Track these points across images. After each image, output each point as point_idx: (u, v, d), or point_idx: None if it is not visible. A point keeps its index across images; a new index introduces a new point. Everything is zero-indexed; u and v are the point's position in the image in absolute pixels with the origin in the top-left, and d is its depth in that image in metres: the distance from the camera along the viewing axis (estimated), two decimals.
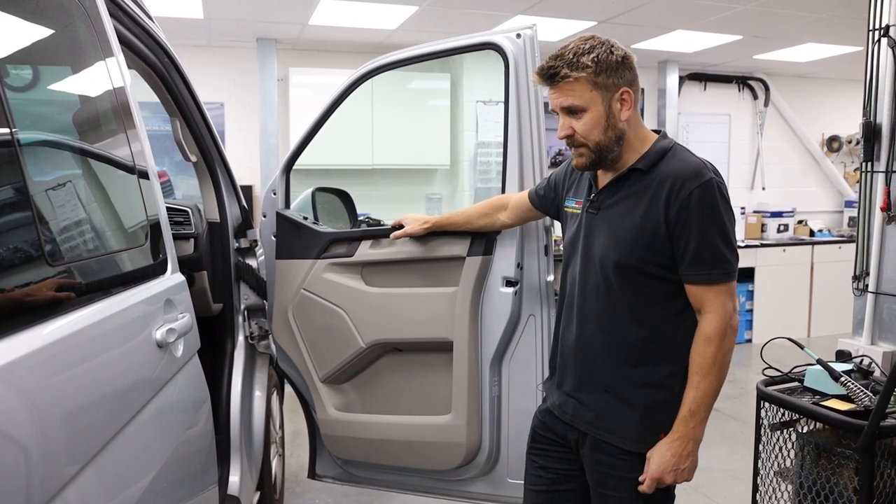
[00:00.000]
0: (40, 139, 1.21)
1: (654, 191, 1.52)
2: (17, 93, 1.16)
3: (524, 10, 4.49)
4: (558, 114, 1.57)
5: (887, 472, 1.82)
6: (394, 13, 4.53)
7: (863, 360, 2.09)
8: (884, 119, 2.54)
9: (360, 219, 2.90)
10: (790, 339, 2.08)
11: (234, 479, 2.22)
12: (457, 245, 2.21)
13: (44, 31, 1.28)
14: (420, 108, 5.63)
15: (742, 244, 6.07)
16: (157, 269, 1.58)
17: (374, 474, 2.47)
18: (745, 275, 6.13)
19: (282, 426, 3.03)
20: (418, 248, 2.25)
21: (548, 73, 1.53)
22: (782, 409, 2.02)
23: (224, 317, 2.46)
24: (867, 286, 2.62)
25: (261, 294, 2.51)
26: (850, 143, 6.99)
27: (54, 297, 1.09)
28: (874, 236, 2.60)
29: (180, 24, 4.68)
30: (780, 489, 2.07)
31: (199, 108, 2.29)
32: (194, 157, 2.37)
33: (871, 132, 2.58)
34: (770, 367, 2.12)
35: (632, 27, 4.98)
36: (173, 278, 1.64)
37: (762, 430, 2.08)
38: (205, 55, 5.33)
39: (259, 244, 2.54)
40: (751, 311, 6.22)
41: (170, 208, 2.06)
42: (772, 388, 2.06)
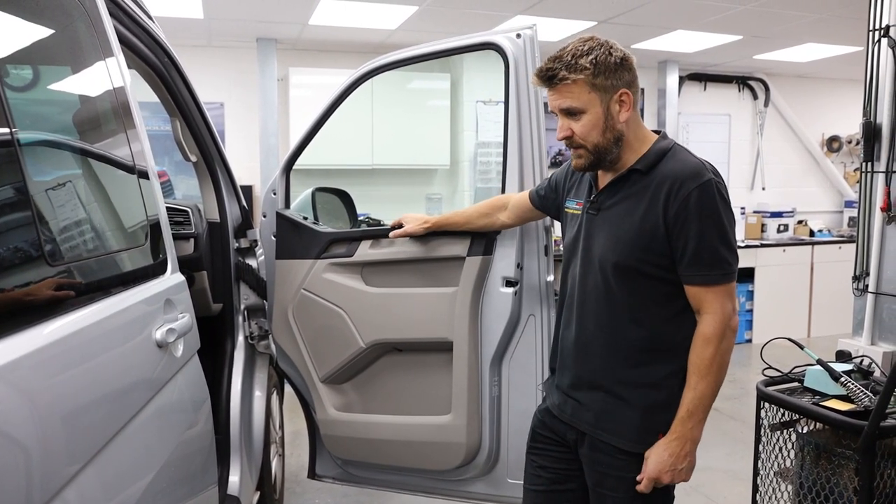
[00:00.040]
0: (40, 139, 1.21)
1: (654, 191, 1.52)
2: (18, 93, 1.16)
3: (524, 10, 4.49)
4: (557, 115, 1.57)
5: (887, 473, 1.82)
6: (394, 13, 4.53)
7: (863, 361, 2.09)
8: (884, 119, 2.54)
9: (360, 219, 2.90)
10: (790, 339, 2.08)
11: (233, 479, 2.22)
12: (457, 245, 2.21)
13: (44, 31, 1.28)
14: (420, 108, 5.63)
15: (742, 244, 6.07)
16: (157, 269, 1.58)
17: (374, 474, 2.47)
18: (745, 275, 6.13)
19: (282, 426, 3.04)
20: (418, 248, 2.25)
21: (546, 75, 1.53)
22: (782, 410, 2.02)
23: (224, 317, 2.46)
24: (867, 286, 2.62)
25: (261, 294, 2.51)
26: (850, 143, 6.99)
27: (54, 296, 1.09)
28: (874, 236, 2.60)
29: (180, 24, 4.69)
30: (780, 489, 2.07)
31: (199, 108, 2.29)
32: (194, 157, 2.37)
33: (871, 132, 2.58)
34: (770, 367, 2.12)
35: (632, 27, 4.98)
36: (173, 278, 1.65)
37: (762, 430, 2.08)
38: (205, 55, 5.33)
39: (259, 244, 2.54)
40: (751, 311, 6.22)
41: (170, 208, 2.06)
42: (772, 389, 2.06)
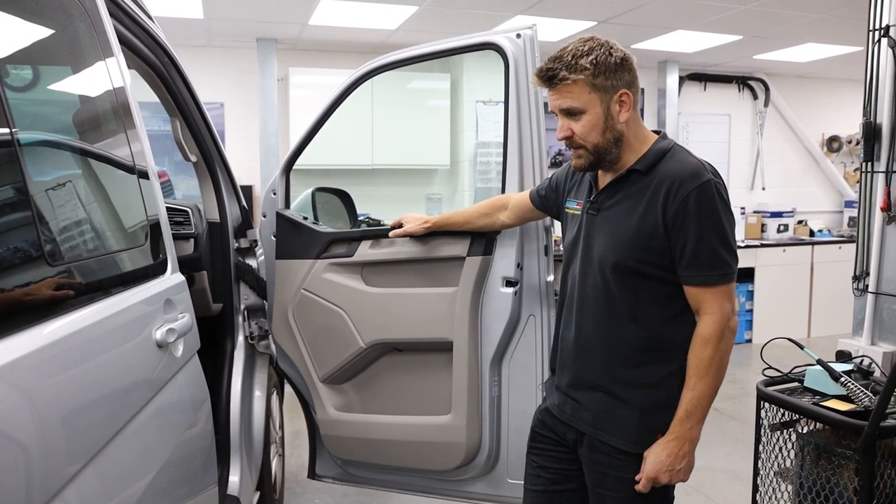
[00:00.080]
0: (40, 139, 1.21)
1: (653, 192, 1.52)
2: (18, 93, 1.16)
3: (524, 10, 4.49)
4: (557, 115, 1.57)
5: (887, 473, 1.82)
6: (394, 13, 4.53)
7: (863, 361, 2.09)
8: (884, 119, 2.54)
9: (360, 219, 2.90)
10: (790, 339, 2.08)
11: (233, 479, 2.22)
12: (457, 245, 2.21)
13: (44, 31, 1.28)
14: (420, 108, 5.63)
15: (742, 244, 6.07)
16: (157, 269, 1.58)
17: (374, 474, 2.47)
18: (745, 275, 6.13)
19: (282, 426, 3.03)
20: (418, 248, 2.25)
21: (547, 75, 1.53)
22: (782, 410, 2.02)
23: (224, 317, 2.46)
24: (867, 286, 2.62)
25: (261, 294, 2.51)
26: (850, 143, 6.99)
27: (54, 296, 1.09)
28: (874, 236, 2.59)
29: (180, 24, 4.69)
30: (780, 489, 2.07)
31: (199, 108, 2.29)
32: (194, 157, 2.37)
33: (871, 132, 2.58)
34: (770, 367, 2.12)
35: (632, 27, 4.97)
36: (173, 278, 1.65)
37: (762, 430, 2.08)
38: (205, 55, 5.33)
39: (259, 244, 2.54)
40: (751, 311, 6.22)
41: (170, 208, 2.06)
42: (772, 389, 2.06)
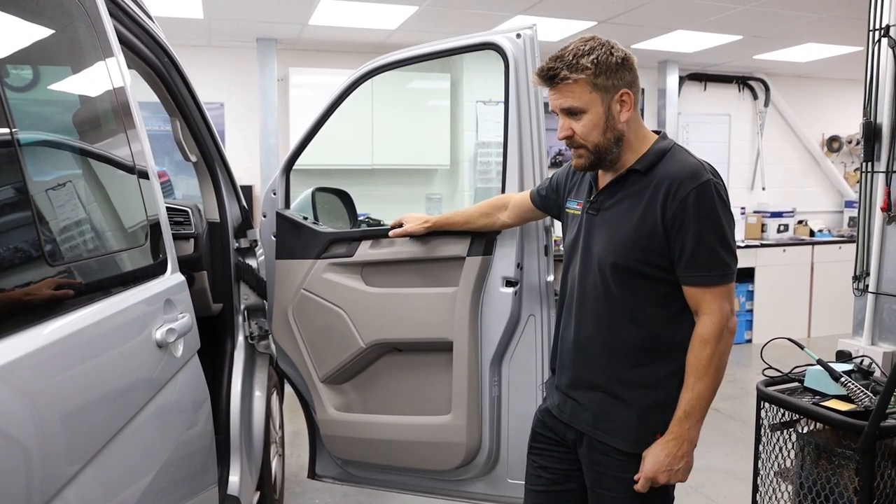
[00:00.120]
0: (40, 139, 1.21)
1: (652, 192, 1.52)
2: (18, 93, 1.16)
3: (524, 10, 4.49)
4: (558, 114, 1.57)
5: (887, 473, 1.82)
6: (394, 13, 4.53)
7: (863, 361, 2.09)
8: (884, 119, 2.54)
9: (360, 219, 2.90)
10: (790, 339, 2.08)
11: (233, 479, 2.22)
12: (457, 245, 2.21)
13: (44, 31, 1.28)
14: (420, 108, 5.63)
15: (742, 244, 6.08)
16: (157, 269, 1.58)
17: (374, 474, 2.47)
18: (745, 275, 6.13)
19: (282, 426, 3.03)
20: (418, 248, 2.25)
21: (547, 75, 1.53)
22: (782, 410, 2.02)
23: (224, 317, 2.46)
24: (867, 286, 2.62)
25: (261, 294, 2.51)
26: (850, 143, 6.99)
27: (54, 296, 1.09)
28: (874, 236, 2.59)
29: (180, 24, 4.68)
30: (780, 489, 2.07)
31: (199, 108, 2.29)
32: (194, 157, 2.37)
33: (871, 132, 2.58)
34: (770, 367, 2.12)
35: (632, 27, 4.97)
36: (173, 278, 1.65)
37: (762, 430, 2.08)
38: (205, 55, 5.33)
39: (259, 244, 2.54)
40: (751, 311, 6.22)
41: (170, 208, 2.06)
42: (772, 389, 2.05)
